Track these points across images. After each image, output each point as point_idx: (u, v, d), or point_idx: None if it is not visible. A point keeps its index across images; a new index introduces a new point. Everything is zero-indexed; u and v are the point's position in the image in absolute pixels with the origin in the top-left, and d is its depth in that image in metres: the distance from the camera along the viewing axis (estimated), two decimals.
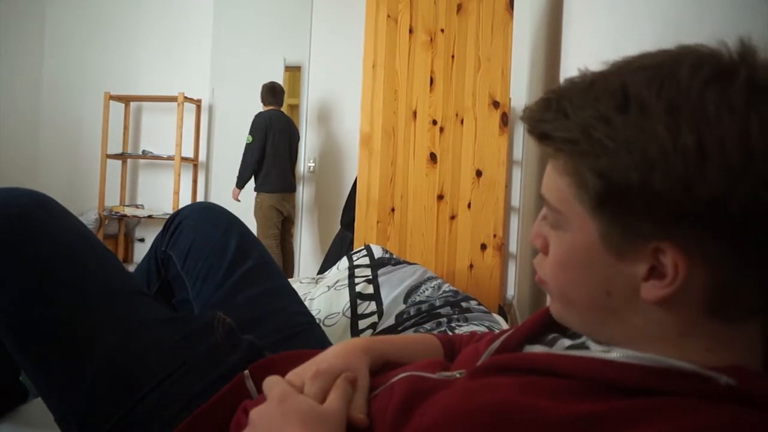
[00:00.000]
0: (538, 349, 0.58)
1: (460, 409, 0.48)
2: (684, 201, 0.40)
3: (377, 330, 1.40)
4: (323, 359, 0.64)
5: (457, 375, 0.58)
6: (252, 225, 4.09)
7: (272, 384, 0.59)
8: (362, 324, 1.43)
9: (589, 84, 0.46)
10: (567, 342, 0.56)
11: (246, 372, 0.72)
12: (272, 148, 3.96)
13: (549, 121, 0.46)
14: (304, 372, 0.62)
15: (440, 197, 2.18)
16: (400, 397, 0.55)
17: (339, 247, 3.35)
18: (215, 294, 0.97)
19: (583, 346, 0.53)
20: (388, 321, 1.43)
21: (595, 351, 0.50)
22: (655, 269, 0.44)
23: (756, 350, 0.47)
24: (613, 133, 0.42)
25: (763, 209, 0.39)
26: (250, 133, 3.96)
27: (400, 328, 1.39)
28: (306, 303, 1.33)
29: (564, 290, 0.52)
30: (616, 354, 0.47)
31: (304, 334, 0.98)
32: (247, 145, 3.96)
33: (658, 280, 0.43)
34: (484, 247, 2.16)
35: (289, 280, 1.23)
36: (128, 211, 4.63)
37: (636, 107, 0.42)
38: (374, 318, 1.44)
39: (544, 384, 0.47)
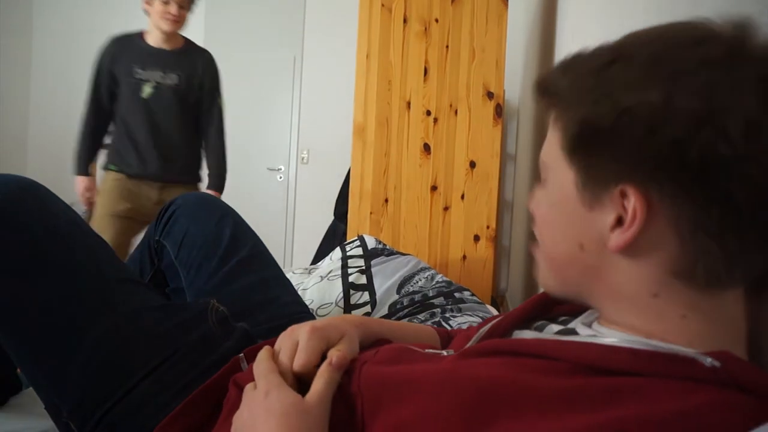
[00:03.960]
0: (527, 334, 0.58)
1: (446, 380, 0.49)
2: (647, 143, 0.42)
3: None
4: (317, 321, 0.64)
5: (445, 353, 0.59)
6: (248, 217, 4.06)
7: (259, 373, 0.58)
8: (355, 314, 1.43)
9: (595, 48, 0.49)
10: (556, 327, 0.57)
11: (241, 355, 0.73)
12: None
13: (550, 77, 0.50)
14: (299, 329, 0.62)
15: (434, 188, 2.18)
16: (384, 353, 0.57)
17: (332, 238, 3.35)
18: (209, 282, 0.97)
19: (572, 332, 0.54)
20: (381, 311, 1.43)
21: (584, 336, 0.51)
22: (621, 220, 0.46)
23: (738, 331, 0.47)
24: (598, 84, 0.45)
25: (719, 161, 0.41)
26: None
27: (393, 318, 1.39)
28: (299, 293, 1.33)
29: (546, 247, 0.55)
30: (604, 339, 0.48)
31: (298, 323, 0.98)
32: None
33: (622, 227, 0.46)
34: (477, 238, 2.16)
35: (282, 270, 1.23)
36: None
37: (623, 60, 0.45)
38: (367, 308, 1.44)
39: (532, 364, 0.48)
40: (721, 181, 0.41)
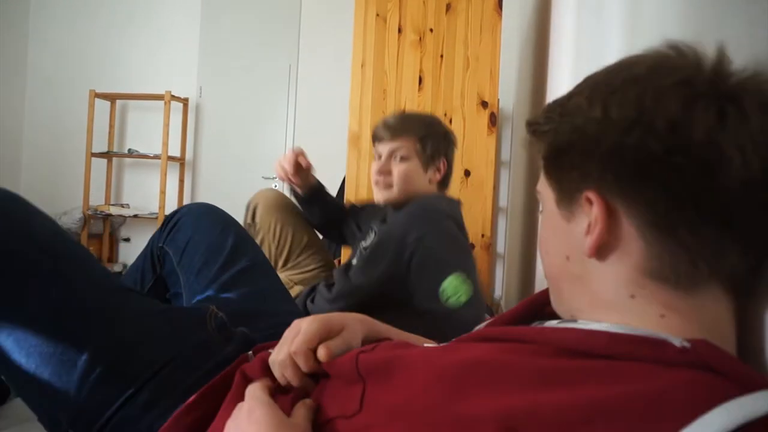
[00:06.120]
0: None
1: (433, 359, 0.54)
2: (594, 151, 0.49)
3: None
4: (321, 315, 0.67)
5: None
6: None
7: (250, 392, 0.60)
8: None
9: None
10: (554, 323, 0.58)
11: (249, 353, 0.75)
12: None
13: (536, 117, 0.56)
14: (302, 321, 0.65)
15: None
16: (383, 346, 0.60)
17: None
18: (207, 288, 0.99)
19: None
20: None
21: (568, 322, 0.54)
22: (591, 225, 0.50)
23: (721, 331, 0.48)
24: (563, 111, 0.53)
25: (651, 156, 0.45)
26: None
27: None
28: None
29: (544, 265, 0.58)
30: (588, 325, 0.51)
31: None
32: None
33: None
34: (472, 246, 2.17)
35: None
36: (113, 210, 4.59)
37: (577, 91, 0.53)
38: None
39: (516, 347, 0.51)
40: (657, 175, 0.45)
